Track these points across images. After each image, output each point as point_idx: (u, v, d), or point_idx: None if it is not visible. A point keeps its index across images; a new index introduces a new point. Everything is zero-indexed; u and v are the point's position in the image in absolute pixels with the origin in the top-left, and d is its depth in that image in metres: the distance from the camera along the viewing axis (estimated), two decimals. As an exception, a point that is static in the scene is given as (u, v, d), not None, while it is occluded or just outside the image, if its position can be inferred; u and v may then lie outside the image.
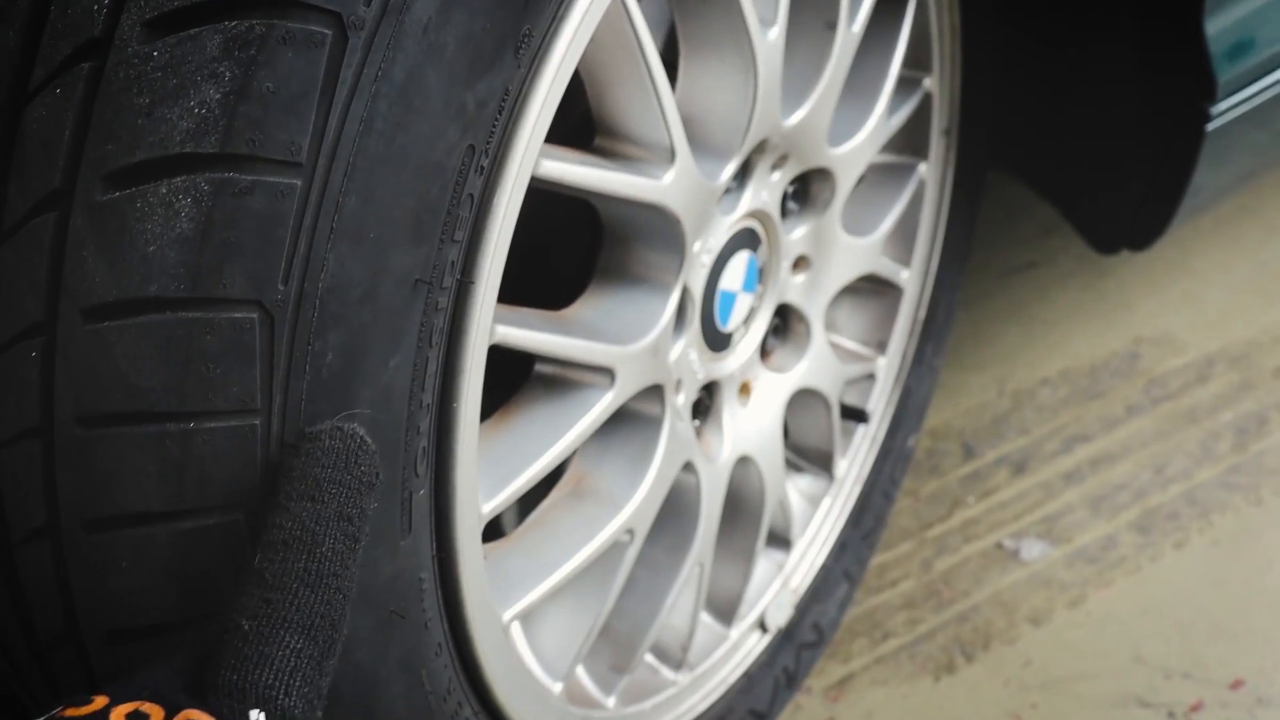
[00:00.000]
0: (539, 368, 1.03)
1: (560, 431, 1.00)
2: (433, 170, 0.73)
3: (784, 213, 1.30)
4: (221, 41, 0.67)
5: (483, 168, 0.78)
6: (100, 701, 0.60)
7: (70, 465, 0.72)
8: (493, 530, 1.14)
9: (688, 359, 1.18)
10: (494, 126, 0.77)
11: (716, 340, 1.24)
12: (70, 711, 0.60)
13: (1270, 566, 1.71)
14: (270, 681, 0.63)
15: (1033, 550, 1.76)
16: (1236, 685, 1.58)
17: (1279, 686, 1.57)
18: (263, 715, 0.62)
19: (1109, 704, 1.58)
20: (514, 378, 1.05)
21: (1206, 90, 1.46)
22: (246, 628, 0.64)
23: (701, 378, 1.23)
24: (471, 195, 0.78)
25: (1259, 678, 1.58)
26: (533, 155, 0.83)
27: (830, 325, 1.60)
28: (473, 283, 0.81)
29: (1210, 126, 1.49)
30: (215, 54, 0.67)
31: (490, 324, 0.85)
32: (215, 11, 0.67)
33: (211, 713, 0.61)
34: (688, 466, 1.21)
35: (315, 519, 0.67)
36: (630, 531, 1.12)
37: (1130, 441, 1.90)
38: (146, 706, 0.61)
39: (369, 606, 0.80)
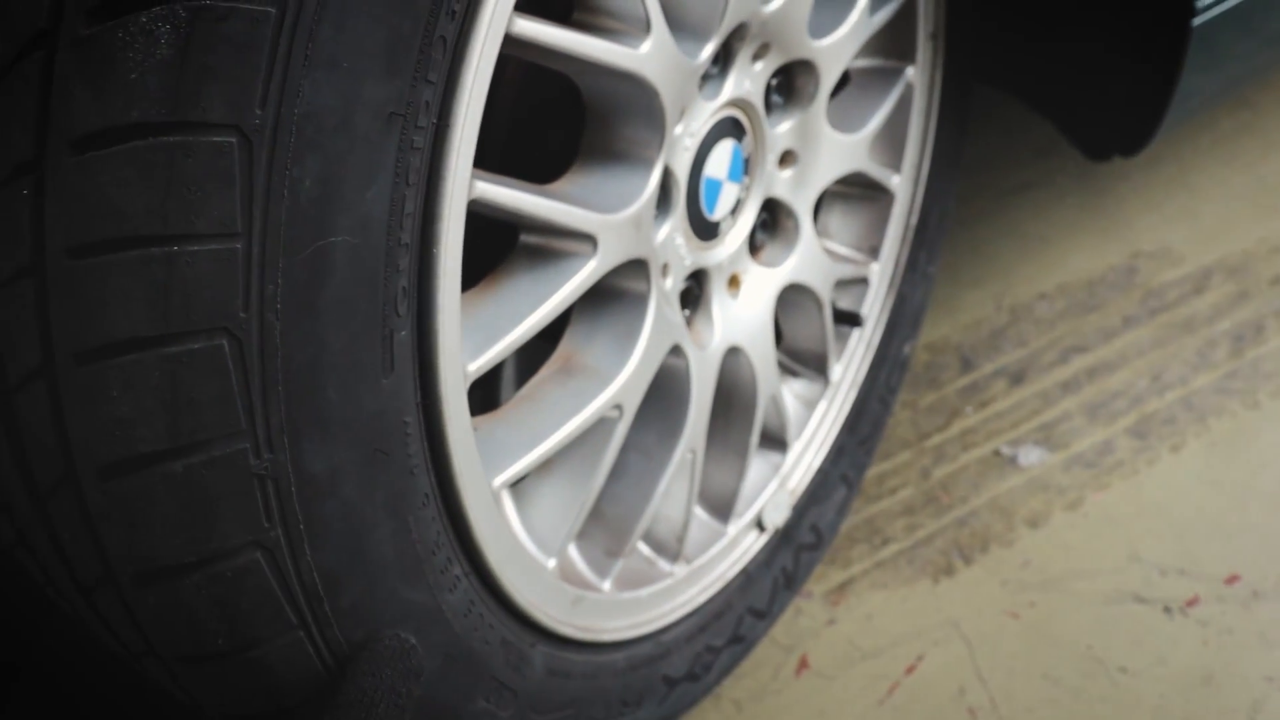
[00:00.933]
0: (524, 238, 1.06)
1: (544, 297, 1.03)
2: (403, 5, 0.75)
3: (769, 106, 1.32)
4: (194, -126, 0.69)
5: (454, 12, 0.80)
6: None
7: (62, 299, 0.75)
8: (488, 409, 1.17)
9: (674, 243, 1.21)
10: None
11: (704, 228, 1.26)
12: None
13: (1266, 466, 1.73)
14: None
15: (1030, 456, 1.78)
16: (1232, 580, 1.60)
17: (1274, 580, 1.59)
18: None
19: (1106, 601, 1.60)
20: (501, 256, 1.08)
21: (1190, -16, 1.47)
22: None
23: (689, 264, 1.25)
24: (444, 38, 0.80)
25: (1254, 572, 1.60)
26: (505, 9, 0.85)
27: (823, 231, 1.63)
28: (449, 126, 0.83)
29: (1196, 22, 1.51)
30: (188, -114, 0.69)
31: (468, 175, 0.87)
32: None
33: None
34: (676, 350, 1.24)
35: None
36: (619, 407, 1.15)
37: (1127, 351, 1.92)
38: None
39: (353, 440, 0.83)
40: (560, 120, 1.13)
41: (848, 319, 1.61)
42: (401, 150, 0.79)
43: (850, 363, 1.64)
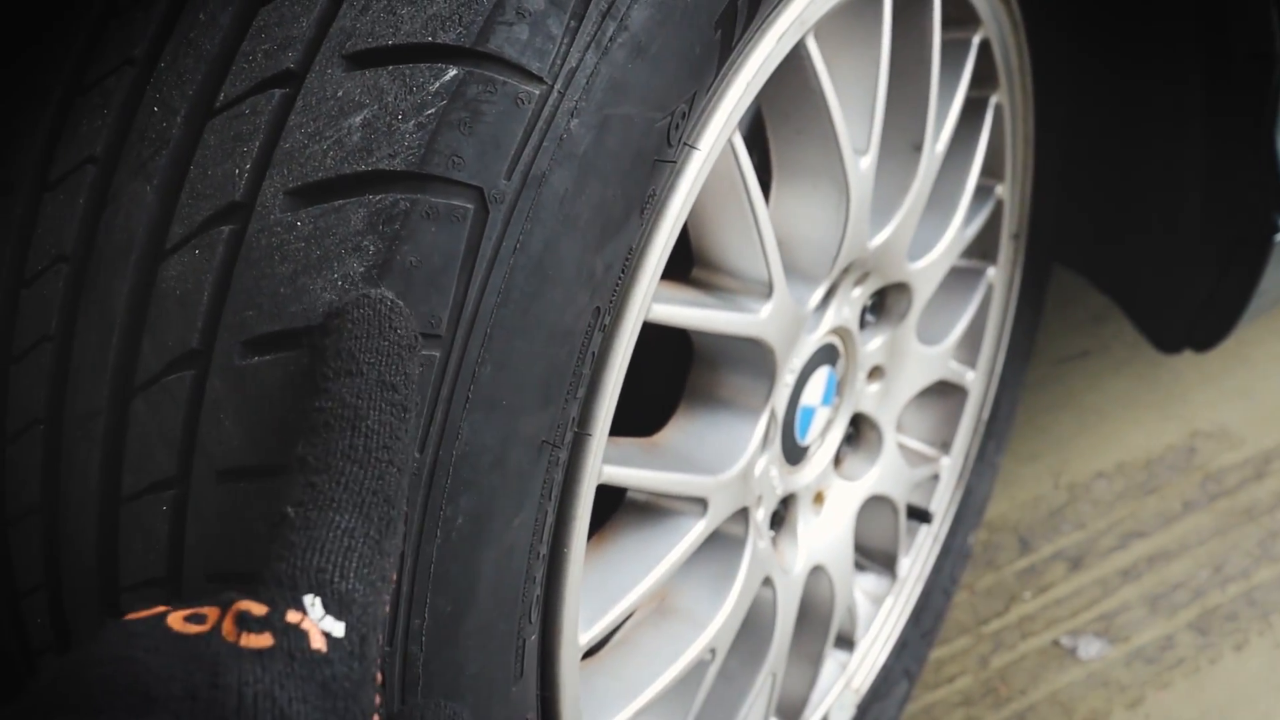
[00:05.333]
0: (631, 495, 1.04)
1: (655, 560, 1.00)
2: (563, 335, 0.74)
3: (861, 324, 1.31)
4: (366, 215, 0.68)
5: (604, 325, 0.79)
6: (160, 609, 0.56)
7: (197, 618, 0.73)
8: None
9: (768, 476, 1.19)
10: (617, 285, 0.79)
11: (794, 453, 1.24)
12: (132, 615, 0.56)
13: (1331, 671, 1.71)
14: (321, 564, 0.56)
15: (1090, 649, 1.76)
16: (1299, 795, 1.57)
17: (1342, 797, 1.56)
18: (318, 600, 0.55)
19: (1169, 811, 1.57)
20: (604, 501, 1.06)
21: (1275, 200, 1.47)
22: (291, 514, 0.58)
23: (780, 492, 1.23)
24: (594, 353, 0.79)
25: (1321, 788, 1.58)
26: (647, 304, 0.84)
27: (897, 426, 1.61)
28: (590, 435, 0.81)
29: (1279, 237, 1.50)
30: (359, 227, 0.68)
31: (600, 468, 0.86)
32: (359, 185, 0.68)
33: (264, 602, 0.55)
34: (766, 581, 1.21)
35: (355, 393, 0.61)
36: (713, 650, 1.13)
37: (1187, 539, 1.89)
38: (204, 609, 0.56)
39: (480, 756, 0.80)
40: (665, 365, 1.12)
41: (919, 515, 1.59)
42: (548, 471, 0.77)
43: (917, 557, 1.62)
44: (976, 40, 1.32)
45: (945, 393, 1.60)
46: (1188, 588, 1.82)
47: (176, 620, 0.56)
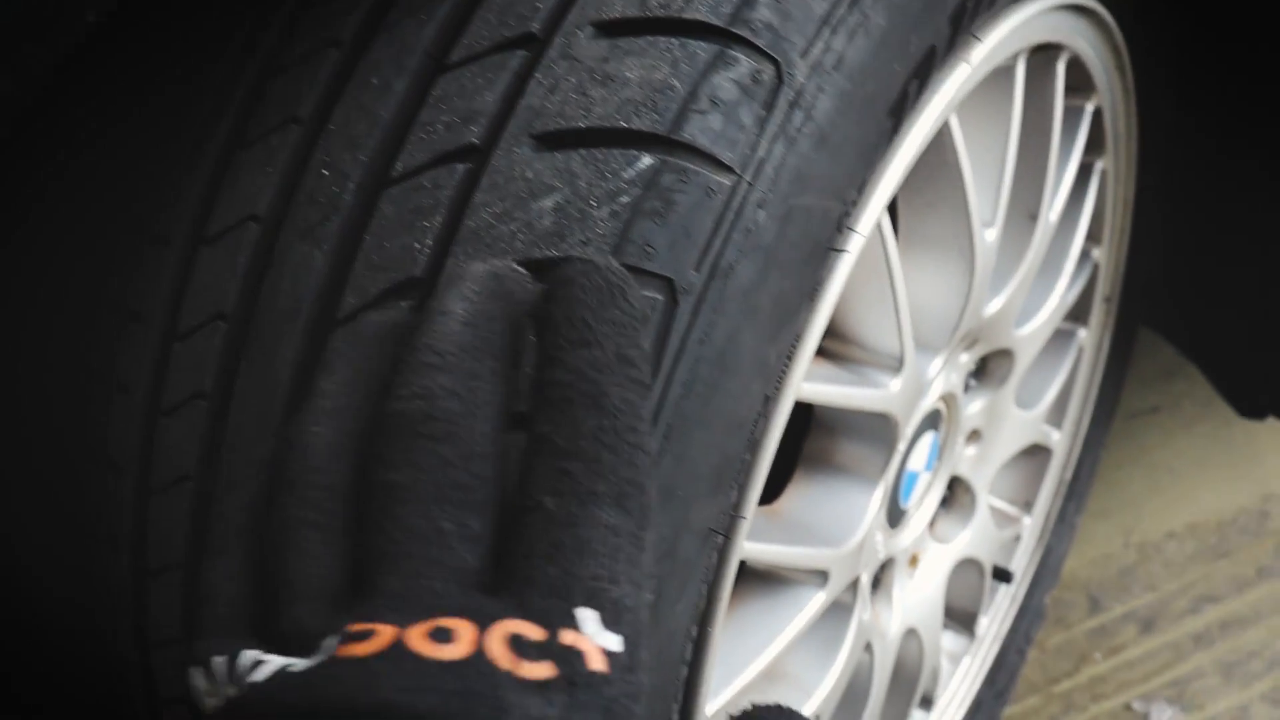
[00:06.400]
0: (752, 564, 1.03)
1: (776, 630, 1.00)
2: (736, 426, 0.73)
3: (964, 388, 1.30)
4: (554, 302, 0.67)
5: (767, 414, 0.78)
6: (386, 634, 0.48)
7: None
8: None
9: (873, 541, 1.18)
10: (783, 372, 0.78)
11: (895, 517, 1.24)
12: (347, 650, 0.48)
13: (1406, 749, 1.69)
14: (595, 571, 0.51)
15: (1163, 715, 1.74)
16: None
17: None
18: (595, 615, 0.50)
19: None
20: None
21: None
22: (551, 506, 0.52)
23: (882, 556, 1.22)
24: (758, 440, 0.78)
25: None
26: (799, 384, 0.83)
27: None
28: (743, 517, 0.81)
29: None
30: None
31: (743, 545, 0.85)
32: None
33: (534, 619, 0.50)
34: (867, 647, 1.21)
35: (594, 366, 0.55)
36: (818, 717, 1.12)
37: (1261, 606, 1.88)
38: (448, 622, 0.49)
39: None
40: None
41: (1000, 575, 1.58)
42: (709, 557, 0.77)
43: (995, 616, 1.61)
44: (1090, 108, 1.31)
45: (1030, 453, 1.59)
46: (1262, 657, 1.81)
47: (418, 639, 0.48)
